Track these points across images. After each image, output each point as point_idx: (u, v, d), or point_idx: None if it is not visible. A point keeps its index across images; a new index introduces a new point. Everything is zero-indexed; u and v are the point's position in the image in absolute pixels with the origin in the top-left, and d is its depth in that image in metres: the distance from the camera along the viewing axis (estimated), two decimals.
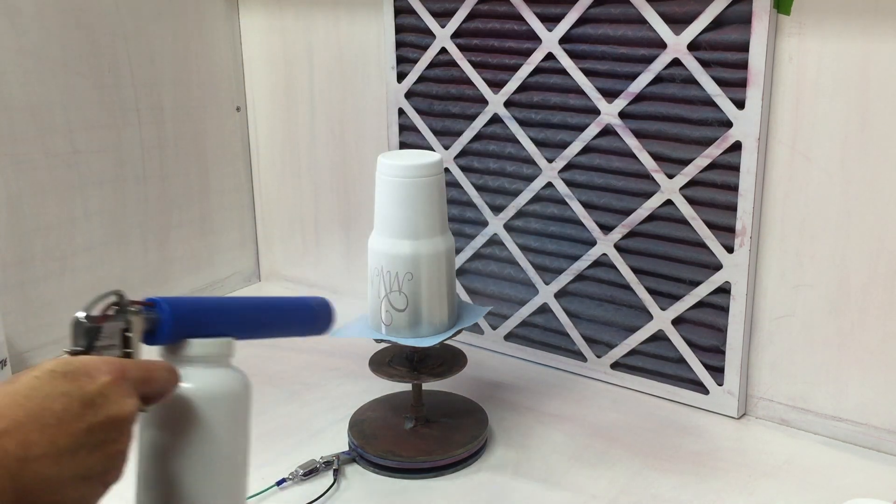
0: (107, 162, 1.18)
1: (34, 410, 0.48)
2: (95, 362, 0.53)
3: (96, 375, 0.51)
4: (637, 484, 0.87)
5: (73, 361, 0.52)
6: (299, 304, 0.72)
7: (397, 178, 0.86)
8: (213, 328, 0.62)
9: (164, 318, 0.59)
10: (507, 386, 1.08)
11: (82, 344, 0.56)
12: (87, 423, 0.50)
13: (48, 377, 0.50)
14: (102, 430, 0.50)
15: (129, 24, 1.18)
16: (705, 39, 0.92)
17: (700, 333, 1.00)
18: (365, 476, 0.89)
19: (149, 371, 0.55)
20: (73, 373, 0.51)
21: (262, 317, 0.68)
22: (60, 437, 0.48)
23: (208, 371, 0.60)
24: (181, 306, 0.60)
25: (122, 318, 0.57)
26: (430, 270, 0.87)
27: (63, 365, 0.51)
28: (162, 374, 0.57)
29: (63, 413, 0.49)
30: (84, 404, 0.50)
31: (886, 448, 0.91)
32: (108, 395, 0.51)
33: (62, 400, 0.49)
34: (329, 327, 0.72)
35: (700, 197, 0.96)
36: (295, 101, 1.31)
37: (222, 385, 0.61)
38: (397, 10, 1.14)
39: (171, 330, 0.59)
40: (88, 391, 0.50)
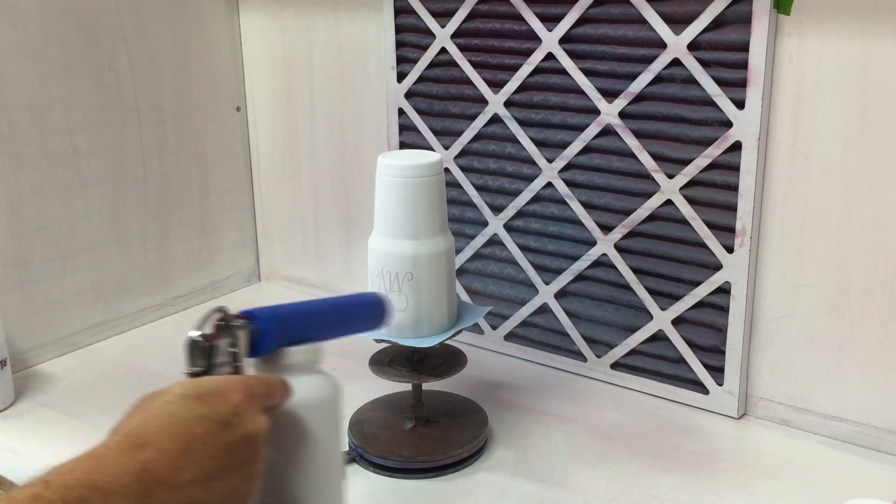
0: (107, 162, 1.18)
1: (178, 436, 0.48)
2: (224, 382, 0.53)
3: (228, 395, 0.52)
4: (637, 484, 0.87)
5: (203, 383, 0.52)
6: (362, 301, 0.73)
7: (397, 178, 0.86)
8: (302, 334, 0.62)
9: (265, 329, 0.59)
10: (507, 386, 1.08)
11: (201, 364, 0.56)
12: (226, 444, 0.50)
13: (182, 401, 0.50)
14: (240, 450, 0.51)
15: (129, 24, 1.18)
16: (705, 39, 0.92)
17: (700, 333, 1.00)
18: (365, 476, 0.89)
19: (269, 386, 0.56)
20: (206, 395, 0.51)
21: (338, 318, 0.69)
22: (206, 461, 0.49)
23: (306, 378, 0.61)
24: (277, 316, 0.61)
25: (228, 334, 0.57)
26: (430, 270, 0.87)
27: (194, 388, 0.51)
28: (280, 388, 0.57)
29: (205, 436, 0.49)
30: (222, 426, 0.50)
31: (886, 448, 0.91)
32: (242, 414, 0.52)
33: (202, 423, 0.49)
34: (387, 318, 0.74)
35: (700, 197, 0.96)
36: (295, 101, 1.31)
37: (321, 391, 0.61)
38: (397, 10, 1.14)
39: (271, 340, 0.60)
40: (224, 412, 0.51)
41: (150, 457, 0.47)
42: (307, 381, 0.61)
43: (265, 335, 0.59)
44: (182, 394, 0.51)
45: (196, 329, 0.57)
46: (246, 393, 0.53)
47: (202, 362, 0.56)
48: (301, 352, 0.61)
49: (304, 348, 0.62)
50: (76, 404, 1.03)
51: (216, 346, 0.56)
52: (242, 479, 0.51)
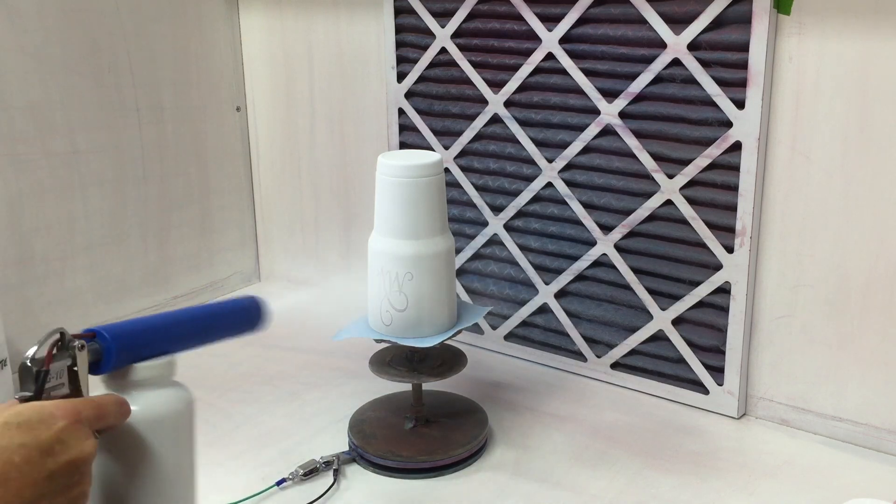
0: (107, 162, 1.18)
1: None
2: (48, 408, 0.52)
3: (51, 422, 0.51)
4: (637, 484, 0.87)
5: (25, 411, 0.51)
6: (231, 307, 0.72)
7: (397, 178, 0.86)
8: (153, 348, 0.62)
9: (108, 347, 0.58)
10: (507, 386, 1.08)
11: (31, 388, 0.55)
12: (48, 470, 0.50)
13: (2, 430, 0.50)
14: (64, 475, 0.51)
15: (129, 24, 1.18)
16: (705, 39, 0.92)
17: (700, 333, 1.00)
18: (365, 476, 0.89)
19: (101, 408, 0.55)
20: (27, 423, 0.51)
21: (196, 327, 0.67)
22: (24, 489, 0.49)
23: (153, 393, 0.60)
24: (122, 333, 0.60)
25: (67, 355, 0.57)
26: (430, 270, 0.87)
27: (15, 416, 0.51)
28: (113, 409, 0.57)
29: (23, 465, 0.49)
30: (42, 452, 0.50)
31: (886, 448, 0.91)
32: (66, 440, 0.51)
33: (21, 451, 0.49)
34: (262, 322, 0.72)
35: (700, 197, 0.96)
36: (295, 101, 1.31)
37: (168, 405, 0.61)
38: (397, 10, 1.14)
39: (115, 359, 0.59)
40: (45, 439, 0.50)
41: None
42: (156, 395, 0.60)
43: (108, 354, 0.58)
44: (3, 423, 0.50)
45: (31, 353, 0.55)
46: (71, 418, 0.52)
47: (32, 387, 0.55)
48: (150, 367, 0.60)
49: (153, 363, 0.61)
50: None
51: (47, 371, 0.55)
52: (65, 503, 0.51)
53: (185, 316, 0.68)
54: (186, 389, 0.63)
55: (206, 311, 0.72)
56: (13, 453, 0.49)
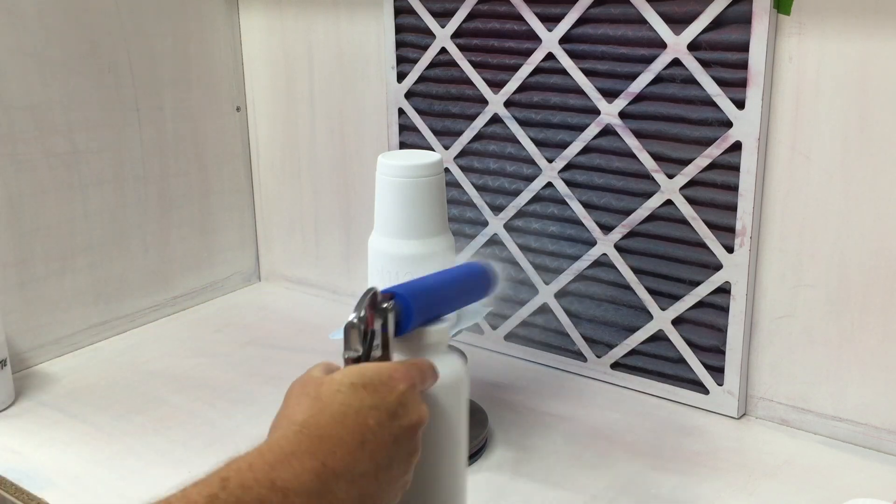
0: (107, 162, 1.18)
1: (353, 427, 0.48)
2: (389, 370, 0.52)
3: (394, 385, 0.51)
4: (637, 484, 0.87)
5: (367, 372, 0.52)
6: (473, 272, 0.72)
7: (397, 178, 0.86)
8: (433, 311, 0.62)
9: (408, 307, 0.58)
10: (507, 386, 1.07)
11: (358, 348, 0.55)
12: (394, 434, 0.50)
13: (352, 391, 0.49)
14: (405, 439, 0.51)
15: (129, 24, 1.18)
16: (705, 39, 0.92)
17: (700, 333, 1.00)
18: None
19: (423, 371, 0.55)
20: (373, 384, 0.50)
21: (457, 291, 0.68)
22: (378, 453, 0.49)
23: (442, 358, 0.60)
24: (417, 294, 0.60)
25: (379, 315, 0.57)
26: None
27: (360, 377, 0.51)
28: (431, 372, 0.57)
29: (377, 428, 0.49)
30: (390, 416, 0.50)
31: (886, 448, 0.91)
32: (407, 404, 0.51)
33: (373, 414, 0.49)
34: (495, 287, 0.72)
35: (700, 197, 0.96)
36: (295, 101, 1.31)
37: (455, 370, 0.61)
38: (397, 10, 1.14)
39: (414, 319, 0.59)
40: (391, 402, 0.50)
41: (328, 449, 0.46)
42: (443, 360, 0.60)
43: (408, 314, 0.58)
44: (350, 384, 0.50)
45: (354, 312, 0.55)
46: (408, 381, 0.52)
47: (360, 346, 0.55)
48: (437, 331, 0.61)
49: (438, 327, 0.61)
50: (76, 404, 1.03)
51: (373, 331, 0.56)
52: (405, 469, 0.51)
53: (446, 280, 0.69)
54: (464, 355, 0.63)
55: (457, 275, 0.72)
56: (367, 415, 0.49)
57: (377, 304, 0.56)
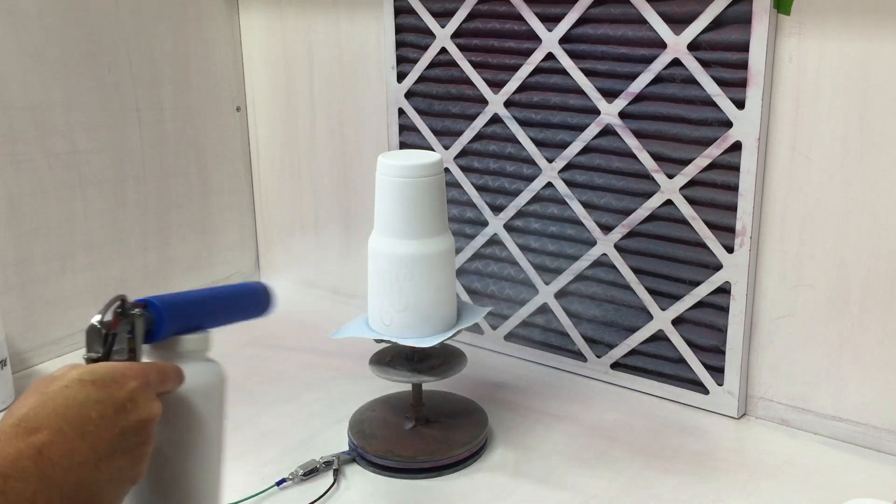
0: (107, 162, 1.18)
1: (73, 419, 0.50)
2: (120, 368, 0.54)
3: (124, 381, 0.53)
4: (637, 484, 0.87)
5: (99, 369, 0.53)
6: (247, 290, 0.76)
7: (397, 178, 0.86)
8: (193, 322, 0.65)
9: (160, 316, 0.61)
10: (507, 386, 1.07)
11: (99, 350, 0.58)
12: (120, 427, 0.52)
13: (79, 386, 0.51)
14: (133, 434, 0.52)
15: (129, 24, 1.18)
16: (705, 39, 0.92)
17: (700, 333, 1.00)
18: (365, 476, 0.89)
19: (164, 373, 0.58)
20: (102, 380, 0.52)
21: (225, 306, 0.72)
22: (99, 444, 0.50)
23: (196, 366, 0.63)
24: (172, 304, 0.63)
25: (126, 322, 0.59)
26: (430, 270, 0.87)
27: (90, 373, 0.53)
28: (173, 375, 0.59)
29: (100, 420, 0.51)
30: (116, 410, 0.52)
31: (886, 448, 0.91)
32: (137, 399, 0.53)
33: (97, 407, 0.51)
34: (270, 308, 0.77)
35: (700, 197, 0.96)
36: (295, 101, 1.31)
37: (210, 378, 0.64)
38: (397, 10, 1.14)
39: (167, 328, 0.61)
40: (119, 397, 0.52)
41: (45, 440, 0.48)
42: (198, 368, 0.63)
43: (161, 322, 0.61)
44: (79, 379, 0.52)
45: (97, 316, 0.58)
46: (142, 379, 0.54)
47: (100, 348, 0.58)
48: (193, 340, 0.64)
49: (195, 336, 0.64)
50: None
51: (115, 333, 0.58)
52: (132, 461, 0.53)
53: (213, 294, 0.72)
54: (222, 365, 0.66)
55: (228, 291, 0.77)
56: (90, 408, 0.50)
57: (126, 310, 0.59)
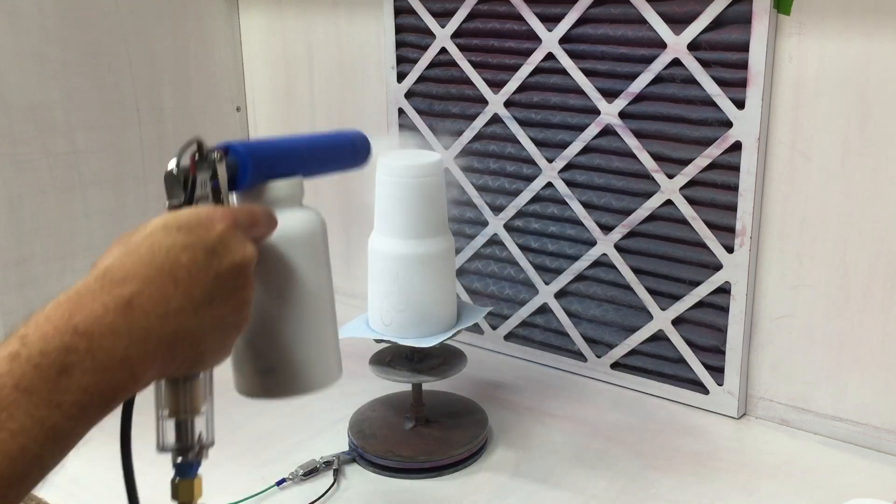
0: (107, 162, 1.18)
1: (163, 266, 0.47)
2: (207, 211, 0.52)
3: (211, 224, 0.50)
4: (637, 484, 0.87)
5: (184, 214, 0.51)
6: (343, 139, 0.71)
7: (397, 178, 0.86)
8: (283, 168, 0.61)
9: (244, 161, 0.58)
10: (507, 386, 1.07)
11: (181, 196, 0.55)
12: (214, 272, 0.49)
13: (164, 232, 0.49)
14: (230, 278, 0.50)
15: (129, 24, 1.18)
16: (705, 39, 0.92)
17: (700, 333, 1.00)
18: (365, 476, 0.89)
19: (253, 215, 0.55)
20: (188, 224, 0.50)
21: (318, 153, 0.67)
22: (194, 289, 0.48)
23: (289, 213, 0.60)
24: (256, 150, 0.59)
25: (206, 167, 0.56)
26: (430, 270, 0.87)
27: (175, 219, 0.50)
28: (264, 218, 0.56)
29: (191, 265, 0.48)
30: (208, 253, 0.49)
31: (886, 448, 0.91)
32: (228, 242, 0.50)
33: (186, 252, 0.48)
34: (368, 159, 0.72)
35: (700, 197, 0.96)
36: (295, 101, 1.31)
37: (305, 225, 0.60)
38: (397, 10, 1.14)
39: (251, 174, 0.58)
40: (209, 240, 0.49)
41: (133, 289, 0.46)
42: (291, 215, 0.60)
43: (244, 168, 0.58)
44: (163, 225, 0.49)
45: (174, 161, 0.55)
46: (230, 221, 0.51)
47: (181, 194, 0.55)
48: (284, 186, 0.60)
49: (286, 182, 0.60)
50: None
51: (194, 178, 0.55)
52: (233, 308, 0.50)
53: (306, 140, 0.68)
54: (319, 212, 0.62)
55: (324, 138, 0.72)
56: (179, 253, 0.48)
57: (204, 155, 0.56)
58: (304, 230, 0.60)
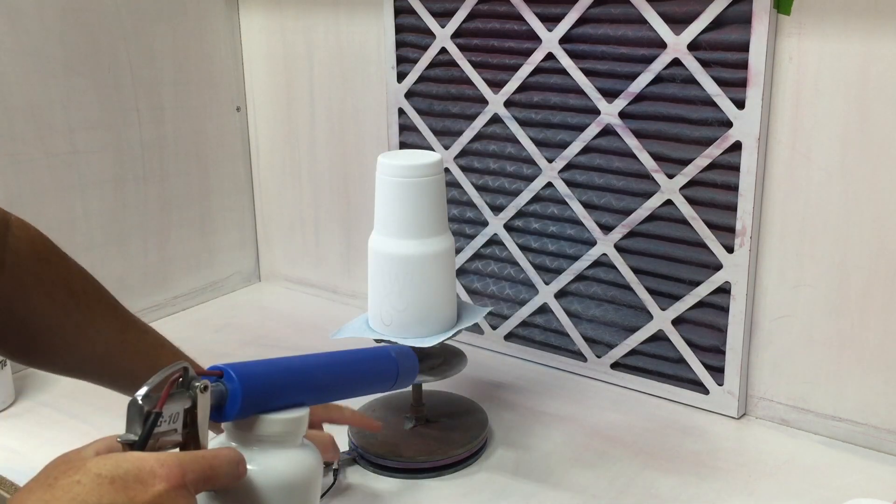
0: (107, 162, 1.18)
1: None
2: (150, 464, 0.46)
3: (150, 482, 0.45)
4: (637, 484, 0.87)
5: (123, 464, 0.45)
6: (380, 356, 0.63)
7: (397, 178, 0.86)
8: (286, 397, 0.54)
9: (234, 390, 0.51)
10: (507, 386, 1.08)
11: (136, 432, 0.48)
12: None
13: (94, 484, 0.44)
14: None
15: (129, 24, 1.18)
16: (705, 39, 0.92)
17: (700, 333, 1.00)
18: (365, 476, 0.89)
19: (212, 468, 0.49)
20: (123, 478, 0.44)
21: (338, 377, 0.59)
22: None
23: (279, 453, 0.53)
24: (252, 376, 0.52)
25: (186, 396, 0.50)
26: (430, 270, 0.87)
27: (112, 469, 0.45)
28: (226, 469, 0.50)
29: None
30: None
31: (886, 448, 0.91)
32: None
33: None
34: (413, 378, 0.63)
35: (700, 197, 0.96)
36: (295, 101, 1.31)
37: (294, 469, 0.53)
38: (397, 10, 1.14)
39: (241, 406, 0.51)
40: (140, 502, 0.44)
41: None
42: (282, 455, 0.53)
43: (234, 399, 0.51)
44: (96, 474, 0.44)
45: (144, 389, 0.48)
46: (175, 480, 0.46)
47: (139, 430, 0.48)
48: (281, 422, 0.53)
49: (285, 418, 0.53)
50: (76, 404, 1.03)
51: (157, 416, 0.48)
52: None
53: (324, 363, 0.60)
54: (315, 452, 0.55)
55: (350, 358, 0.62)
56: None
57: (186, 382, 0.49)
58: (295, 475, 0.53)
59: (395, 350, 0.64)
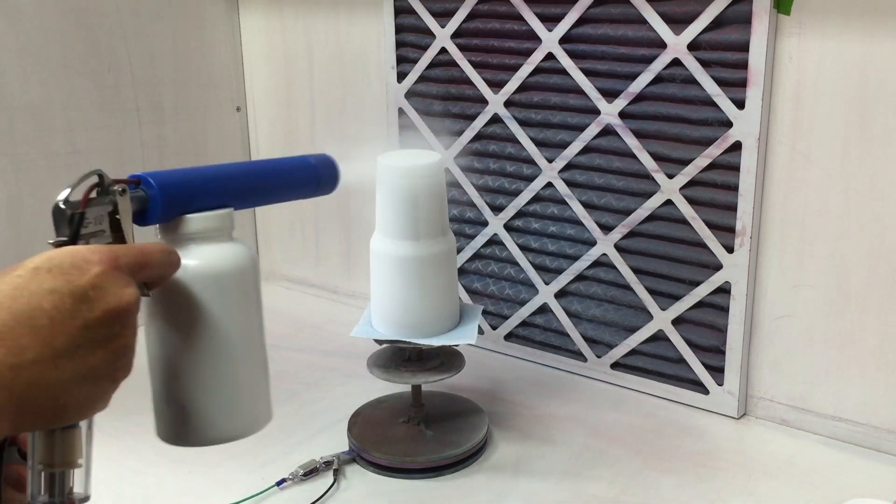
0: (107, 162, 1.18)
1: (22, 312, 0.44)
2: (82, 252, 0.47)
3: (86, 267, 0.46)
4: (637, 484, 0.87)
5: (57, 255, 0.47)
6: (299, 163, 0.66)
7: (398, 178, 0.86)
8: (209, 200, 0.57)
9: (153, 195, 0.54)
10: (507, 386, 1.08)
11: (66, 233, 0.50)
12: (82, 319, 0.45)
13: (31, 275, 0.45)
14: (102, 325, 0.46)
15: (129, 24, 1.18)
16: (705, 39, 0.92)
17: (700, 333, 1.00)
18: (365, 476, 0.89)
19: (144, 255, 0.51)
20: (59, 267, 0.46)
21: (259, 182, 0.63)
22: (55, 338, 0.44)
23: (211, 247, 0.56)
24: (170, 181, 0.55)
25: (107, 200, 0.52)
26: (430, 270, 0.87)
27: (46, 260, 0.46)
28: (159, 257, 0.52)
29: (54, 311, 0.44)
30: (76, 299, 0.45)
31: (886, 448, 0.91)
32: (103, 286, 0.47)
33: (51, 297, 0.45)
34: (335, 185, 0.67)
35: (700, 197, 0.96)
36: (295, 101, 1.31)
37: (227, 260, 0.56)
38: (397, 10, 1.14)
39: (162, 207, 0.54)
40: (79, 285, 0.46)
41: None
42: (214, 249, 0.56)
43: (154, 201, 0.54)
44: (33, 267, 0.45)
45: (64, 193, 0.50)
46: (109, 264, 0.47)
47: (67, 231, 0.50)
48: (204, 218, 0.56)
49: (208, 215, 0.56)
50: None
51: (82, 215, 0.50)
52: (105, 358, 0.47)
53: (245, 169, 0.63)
54: (246, 246, 0.58)
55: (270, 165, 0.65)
56: (42, 299, 0.44)
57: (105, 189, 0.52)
58: (230, 266, 0.56)
59: (314, 157, 0.67)
